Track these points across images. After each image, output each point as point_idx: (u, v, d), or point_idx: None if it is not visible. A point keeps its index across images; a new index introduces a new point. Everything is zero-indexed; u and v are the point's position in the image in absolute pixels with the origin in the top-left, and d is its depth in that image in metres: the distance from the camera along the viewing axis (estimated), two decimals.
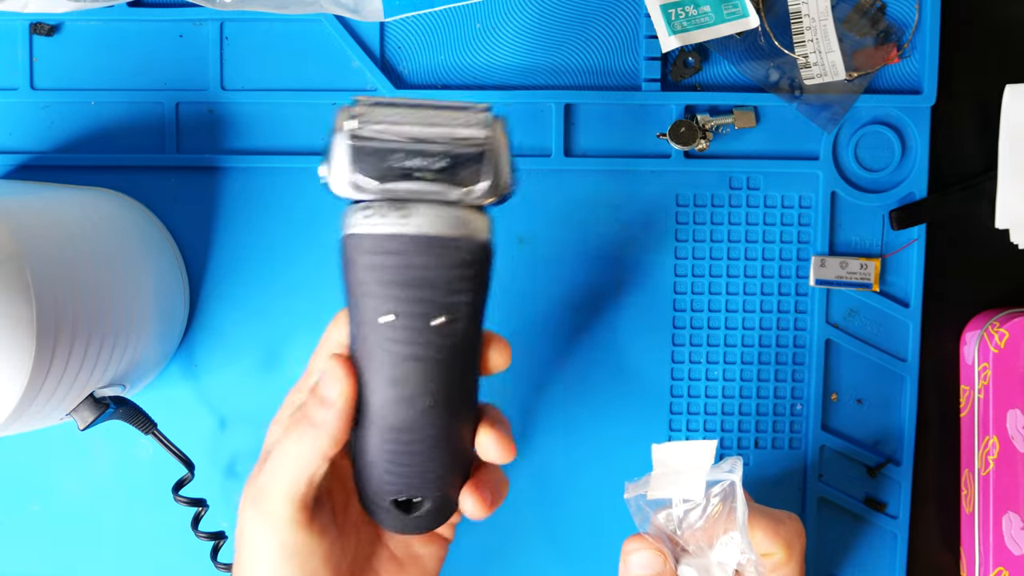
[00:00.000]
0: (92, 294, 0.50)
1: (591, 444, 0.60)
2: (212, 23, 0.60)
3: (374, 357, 0.43)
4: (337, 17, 0.59)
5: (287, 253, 0.61)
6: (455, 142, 0.42)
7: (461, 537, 0.61)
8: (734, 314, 0.60)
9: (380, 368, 0.43)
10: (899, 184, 0.60)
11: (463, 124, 0.42)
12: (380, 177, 0.41)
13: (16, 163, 0.60)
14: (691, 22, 0.57)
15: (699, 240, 0.60)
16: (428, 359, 0.43)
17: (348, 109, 0.42)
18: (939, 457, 0.62)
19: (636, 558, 0.47)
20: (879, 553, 0.61)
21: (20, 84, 0.60)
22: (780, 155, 0.60)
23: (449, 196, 0.42)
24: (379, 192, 0.42)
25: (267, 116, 0.60)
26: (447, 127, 0.42)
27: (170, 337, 0.59)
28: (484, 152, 0.42)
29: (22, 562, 0.61)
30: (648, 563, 0.47)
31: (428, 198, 0.42)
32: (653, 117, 0.60)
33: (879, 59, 0.59)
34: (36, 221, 0.49)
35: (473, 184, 0.42)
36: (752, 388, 0.61)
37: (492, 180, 0.42)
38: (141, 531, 0.61)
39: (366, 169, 0.41)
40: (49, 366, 0.47)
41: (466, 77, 0.60)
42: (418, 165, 0.41)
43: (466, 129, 0.42)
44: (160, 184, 0.60)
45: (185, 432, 0.60)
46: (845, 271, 0.60)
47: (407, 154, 0.41)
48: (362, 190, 0.42)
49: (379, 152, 0.41)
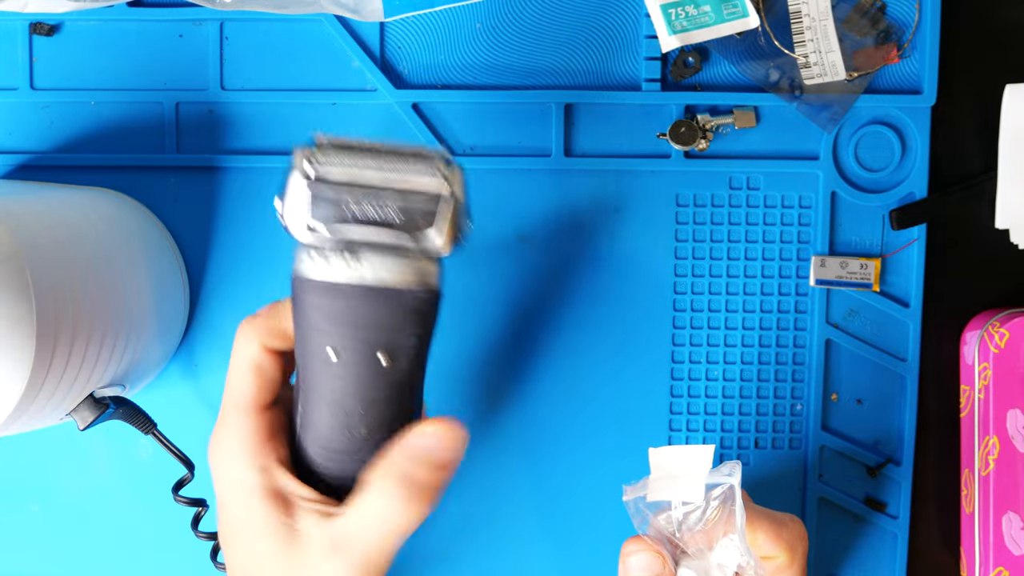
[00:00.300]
0: (92, 294, 0.50)
1: (590, 444, 0.60)
2: (212, 23, 0.60)
3: (315, 384, 0.44)
4: (337, 17, 0.59)
5: (287, 253, 0.60)
6: (410, 191, 0.41)
7: (460, 538, 0.61)
8: (734, 314, 0.60)
9: (320, 394, 0.44)
10: (899, 184, 0.60)
11: (419, 173, 0.42)
12: (333, 220, 0.41)
13: (16, 163, 0.60)
14: (691, 22, 0.57)
15: (699, 240, 0.60)
16: (367, 396, 0.44)
17: (305, 150, 0.42)
18: (939, 457, 0.62)
19: (635, 560, 0.47)
20: (879, 553, 0.61)
21: (20, 84, 0.60)
22: (780, 155, 0.60)
23: (401, 244, 0.42)
24: (331, 234, 0.41)
25: (267, 116, 0.60)
26: (403, 174, 0.41)
27: (170, 337, 0.59)
28: (439, 203, 0.41)
29: (22, 562, 0.61)
30: (647, 565, 0.46)
31: (379, 245, 0.42)
32: (653, 117, 0.60)
33: (879, 59, 0.59)
34: (36, 221, 0.49)
35: (425, 233, 0.41)
36: (752, 388, 0.61)
37: (446, 231, 0.42)
38: (141, 531, 0.61)
39: (318, 213, 0.41)
40: (49, 366, 0.47)
41: (466, 77, 0.60)
42: (371, 212, 0.41)
43: (422, 178, 0.41)
44: (160, 184, 0.60)
45: (185, 432, 0.60)
46: (845, 271, 0.60)
47: (361, 200, 0.41)
48: (314, 232, 0.42)
49: (333, 196, 0.41)
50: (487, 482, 0.61)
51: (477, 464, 0.61)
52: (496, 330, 0.60)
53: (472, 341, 0.60)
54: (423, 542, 0.61)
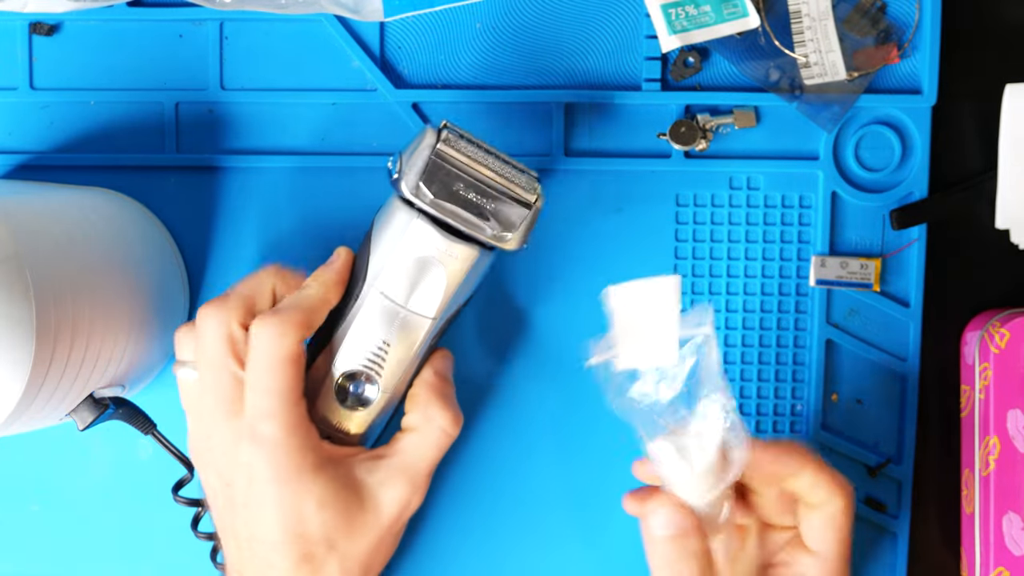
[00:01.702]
0: (92, 294, 0.50)
1: (590, 445, 0.60)
2: (212, 23, 0.60)
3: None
4: (337, 17, 0.59)
5: (287, 253, 0.60)
6: (508, 194, 0.50)
7: (477, 512, 0.61)
8: (734, 314, 0.60)
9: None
10: (899, 184, 0.60)
11: (519, 184, 0.50)
12: (440, 194, 0.49)
13: (16, 163, 0.60)
14: (691, 22, 0.57)
15: (699, 240, 0.60)
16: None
17: (440, 131, 0.50)
18: (939, 457, 0.62)
19: (657, 519, 0.44)
20: (879, 553, 0.61)
21: (20, 84, 0.60)
22: (780, 155, 0.60)
23: (484, 232, 0.50)
24: (432, 204, 0.49)
25: (267, 116, 0.60)
26: (506, 180, 0.50)
27: (170, 337, 0.59)
28: (527, 211, 0.50)
29: (22, 562, 0.61)
30: (668, 522, 0.44)
31: (466, 226, 0.50)
32: (653, 117, 0.60)
33: (879, 59, 0.59)
34: (36, 221, 0.49)
35: (507, 231, 0.50)
36: (752, 388, 0.61)
37: (521, 234, 0.51)
38: (141, 531, 0.61)
39: (430, 182, 0.49)
40: (48, 366, 0.47)
41: (466, 77, 0.60)
42: (473, 199, 0.49)
43: (520, 188, 0.50)
44: (160, 184, 0.60)
45: (185, 433, 0.60)
46: (845, 271, 0.60)
47: (467, 186, 0.49)
48: (420, 196, 0.49)
49: (449, 174, 0.49)
50: (483, 478, 0.61)
51: (479, 450, 0.61)
52: (496, 329, 0.60)
53: (472, 341, 0.60)
54: (443, 531, 0.61)
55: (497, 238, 0.50)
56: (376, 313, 0.51)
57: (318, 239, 0.60)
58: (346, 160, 0.60)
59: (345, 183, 0.60)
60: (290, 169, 0.60)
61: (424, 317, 0.51)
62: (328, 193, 0.60)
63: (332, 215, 0.60)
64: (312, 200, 0.60)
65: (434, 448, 0.52)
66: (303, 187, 0.60)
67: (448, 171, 0.49)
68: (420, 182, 0.49)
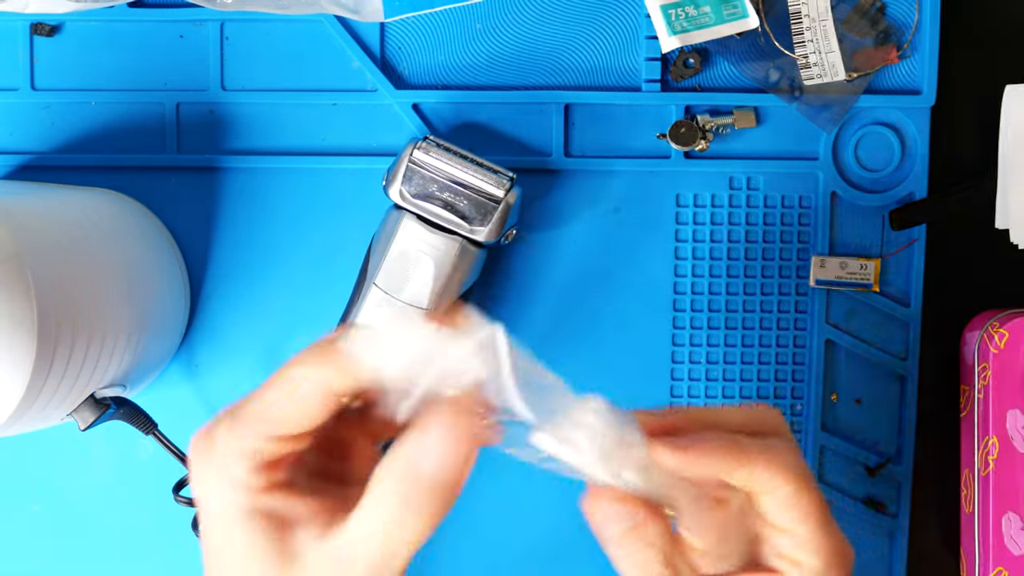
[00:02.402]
0: (92, 294, 0.50)
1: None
2: (212, 23, 0.60)
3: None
4: (337, 17, 0.59)
5: (287, 253, 0.61)
6: (479, 191, 0.56)
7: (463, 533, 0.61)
8: (734, 314, 0.60)
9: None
10: (899, 184, 0.60)
11: (488, 182, 0.56)
12: (418, 195, 0.56)
13: (16, 163, 0.60)
14: (691, 22, 0.57)
15: (699, 240, 0.60)
16: None
17: (420, 143, 0.56)
18: (939, 457, 0.62)
19: (597, 517, 0.40)
20: (879, 553, 0.61)
21: (21, 84, 0.60)
22: (780, 155, 0.60)
23: (461, 226, 0.56)
24: (413, 204, 0.56)
25: (267, 116, 0.60)
26: (478, 179, 0.56)
27: (170, 337, 0.59)
28: (497, 205, 0.56)
29: (22, 562, 0.61)
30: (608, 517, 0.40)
31: (445, 221, 0.56)
32: (653, 117, 0.60)
33: (879, 59, 0.59)
34: (36, 221, 0.49)
35: (480, 224, 0.56)
36: (752, 388, 0.61)
37: (494, 225, 0.56)
38: (141, 531, 0.61)
39: (410, 185, 0.56)
40: (50, 366, 0.47)
41: (466, 77, 0.60)
42: (447, 197, 0.56)
43: (489, 186, 0.56)
44: (160, 184, 0.60)
45: (185, 432, 0.59)
46: (845, 271, 0.60)
47: (442, 187, 0.56)
48: (403, 198, 0.56)
49: (425, 177, 0.56)
50: (484, 482, 0.61)
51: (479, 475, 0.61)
52: None
53: None
54: None
55: (472, 231, 0.56)
56: (375, 306, 0.56)
57: (318, 239, 0.60)
58: (346, 160, 0.60)
59: (345, 183, 0.60)
60: (290, 169, 0.60)
61: (418, 308, 0.55)
62: (328, 193, 0.60)
63: (332, 215, 0.60)
64: (312, 200, 0.60)
65: (397, 551, 0.38)
66: (303, 187, 0.60)
67: (423, 175, 0.56)
68: (402, 186, 0.56)
